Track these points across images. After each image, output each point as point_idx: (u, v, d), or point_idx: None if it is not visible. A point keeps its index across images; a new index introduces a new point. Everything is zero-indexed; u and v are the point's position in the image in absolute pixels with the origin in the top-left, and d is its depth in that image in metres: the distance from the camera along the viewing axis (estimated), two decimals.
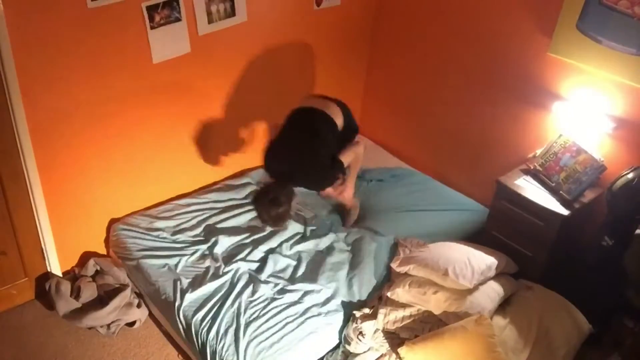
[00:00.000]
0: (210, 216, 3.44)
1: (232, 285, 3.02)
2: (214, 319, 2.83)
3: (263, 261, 3.18)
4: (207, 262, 3.14)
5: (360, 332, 2.81)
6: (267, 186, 3.01)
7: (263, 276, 3.09)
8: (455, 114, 3.78)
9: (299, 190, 3.11)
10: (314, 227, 3.42)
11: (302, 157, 2.99)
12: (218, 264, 3.12)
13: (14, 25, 2.62)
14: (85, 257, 3.36)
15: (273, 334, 2.78)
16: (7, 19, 2.59)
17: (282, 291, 3.01)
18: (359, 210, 3.61)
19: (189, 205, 3.51)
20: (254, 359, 2.67)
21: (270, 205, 2.88)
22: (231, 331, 2.78)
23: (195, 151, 3.62)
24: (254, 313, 2.87)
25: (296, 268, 3.17)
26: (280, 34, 3.63)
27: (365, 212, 3.61)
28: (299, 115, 3.15)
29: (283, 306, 2.93)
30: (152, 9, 2.99)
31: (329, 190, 3.29)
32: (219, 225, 3.38)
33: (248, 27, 3.43)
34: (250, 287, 3.00)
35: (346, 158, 3.14)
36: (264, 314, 2.87)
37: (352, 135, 3.29)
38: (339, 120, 3.14)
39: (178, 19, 3.11)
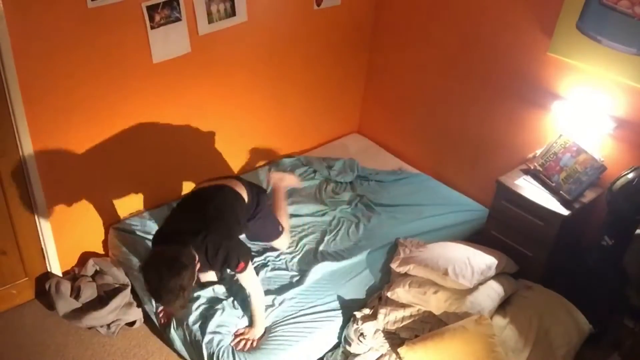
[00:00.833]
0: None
1: (232, 285, 3.02)
2: (212, 319, 2.83)
3: (262, 261, 3.18)
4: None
5: (361, 334, 2.81)
6: (161, 249, 2.45)
7: (262, 276, 3.08)
8: (456, 114, 3.78)
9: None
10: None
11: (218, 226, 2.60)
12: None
13: (14, 25, 2.62)
14: (85, 257, 3.36)
15: (272, 334, 2.78)
16: (7, 18, 2.58)
17: (282, 291, 3.01)
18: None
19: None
20: (253, 359, 2.67)
21: (169, 268, 2.30)
22: (230, 330, 2.78)
23: (196, 152, 3.62)
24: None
25: (296, 269, 3.17)
26: (280, 34, 3.63)
27: (366, 211, 3.61)
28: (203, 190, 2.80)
29: (283, 306, 2.92)
30: (152, 9, 2.99)
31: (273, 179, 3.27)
32: None
33: (248, 27, 3.43)
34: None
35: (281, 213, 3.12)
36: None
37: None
38: (244, 194, 2.84)
39: (178, 19, 3.11)
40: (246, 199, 2.85)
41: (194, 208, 2.71)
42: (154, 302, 2.93)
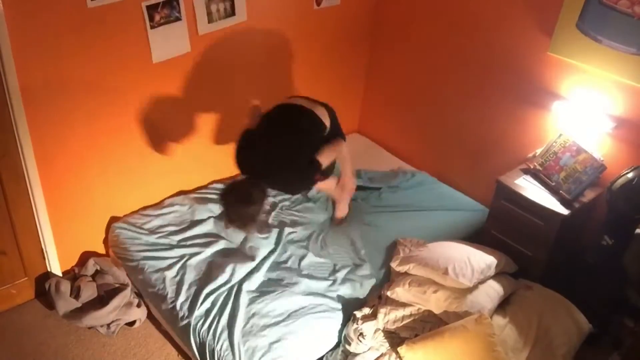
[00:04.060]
0: (210, 217, 3.43)
1: (232, 285, 3.02)
2: (212, 319, 2.83)
3: (263, 261, 3.18)
4: (207, 262, 3.14)
5: (361, 334, 2.81)
6: (237, 183, 2.78)
7: (262, 276, 3.09)
8: (455, 114, 3.78)
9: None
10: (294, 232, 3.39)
11: (280, 156, 2.77)
12: (218, 265, 3.12)
13: (14, 25, 2.62)
14: (85, 256, 3.36)
15: (271, 333, 2.78)
16: (7, 19, 2.59)
17: (282, 292, 3.01)
18: (348, 211, 3.49)
19: (189, 204, 3.50)
20: (253, 359, 2.67)
21: (241, 203, 2.65)
22: (230, 330, 2.78)
23: (195, 150, 3.62)
24: (253, 313, 2.87)
25: (295, 268, 3.17)
26: (280, 34, 3.63)
27: (366, 211, 3.61)
28: (283, 110, 2.94)
29: (283, 305, 2.92)
30: (152, 9, 2.99)
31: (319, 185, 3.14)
32: (218, 225, 3.38)
33: (248, 27, 3.43)
34: (250, 288, 3.00)
35: (325, 158, 2.89)
36: (263, 314, 2.87)
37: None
38: (327, 122, 2.99)
39: (178, 19, 3.11)
40: (328, 128, 2.99)
41: (277, 131, 2.87)
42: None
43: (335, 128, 3.07)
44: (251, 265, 3.13)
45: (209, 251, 3.21)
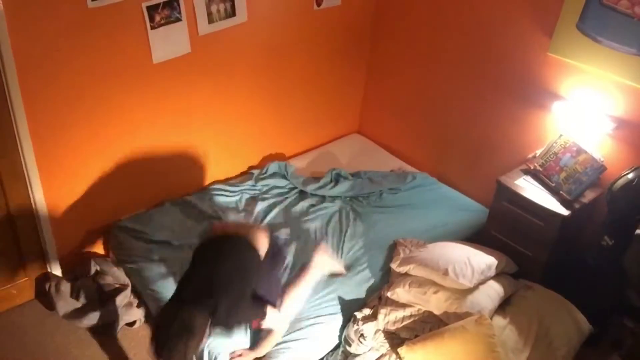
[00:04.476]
0: (210, 218, 3.43)
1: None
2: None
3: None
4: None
5: (362, 335, 2.81)
6: (179, 308, 2.31)
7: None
8: (456, 114, 3.78)
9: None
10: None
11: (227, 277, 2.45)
12: None
13: (14, 25, 2.62)
14: (85, 257, 3.36)
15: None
16: (7, 19, 2.58)
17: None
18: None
19: (189, 205, 3.50)
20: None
21: (180, 329, 2.23)
22: (230, 331, 2.77)
23: (195, 152, 3.62)
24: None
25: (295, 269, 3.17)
26: (280, 34, 3.63)
27: (366, 211, 3.61)
28: (217, 241, 2.65)
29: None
30: (152, 9, 2.99)
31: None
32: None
33: (248, 27, 3.43)
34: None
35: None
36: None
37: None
38: (262, 246, 2.67)
39: (178, 19, 3.11)
40: (262, 255, 2.64)
41: (208, 266, 2.50)
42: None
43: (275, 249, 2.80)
44: None
45: None
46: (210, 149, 3.69)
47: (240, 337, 2.75)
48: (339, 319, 2.92)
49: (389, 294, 2.92)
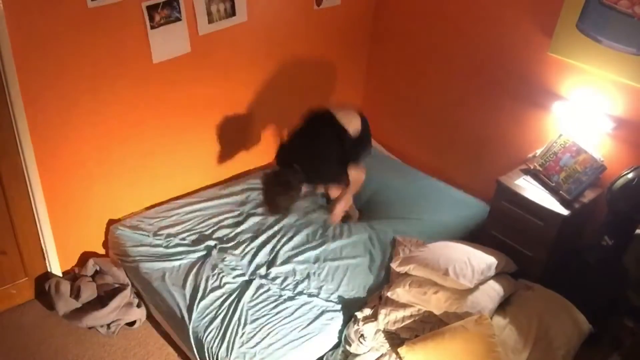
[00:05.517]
0: (210, 218, 3.43)
1: (231, 286, 3.02)
2: (212, 319, 2.83)
3: (263, 262, 3.18)
4: (206, 264, 3.13)
5: (362, 335, 2.81)
6: (278, 171, 3.17)
7: (263, 277, 3.08)
8: (456, 114, 3.78)
9: None
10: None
11: (313, 150, 3.16)
12: (217, 266, 3.12)
13: (14, 25, 2.62)
14: (85, 257, 3.36)
15: (271, 333, 2.78)
16: (7, 19, 2.58)
17: (282, 291, 3.01)
18: (357, 215, 3.66)
19: (188, 206, 3.50)
20: (252, 359, 2.67)
21: (281, 187, 3.04)
22: (229, 331, 2.78)
23: (195, 151, 3.62)
24: (253, 313, 2.87)
25: (295, 270, 3.17)
26: (280, 34, 3.63)
27: (366, 210, 3.61)
28: (314, 115, 3.30)
29: (282, 306, 2.92)
30: (152, 9, 2.99)
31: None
32: (218, 228, 3.38)
33: (248, 27, 3.43)
34: (250, 288, 3.00)
35: (353, 172, 3.32)
36: (263, 314, 2.87)
37: (362, 152, 3.38)
38: (352, 127, 3.25)
39: (178, 19, 3.11)
40: (352, 135, 3.26)
41: (307, 139, 3.22)
42: None
43: (364, 136, 3.37)
44: (253, 266, 3.14)
45: (208, 253, 3.21)
46: (210, 150, 3.69)
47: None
48: (339, 319, 2.91)
49: (389, 294, 2.92)
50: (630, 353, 2.93)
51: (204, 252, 3.20)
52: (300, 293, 3.00)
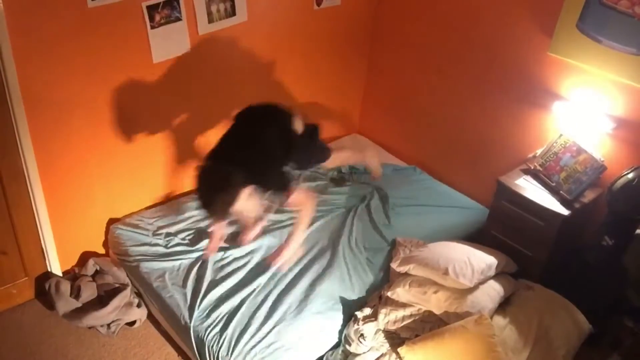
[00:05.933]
0: (210, 217, 3.43)
1: (231, 286, 3.02)
2: (212, 319, 2.83)
3: (263, 261, 3.18)
4: (207, 264, 3.13)
5: (362, 335, 2.81)
6: (215, 166, 2.64)
7: (262, 277, 3.08)
8: (456, 114, 3.78)
9: None
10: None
11: (257, 146, 2.74)
12: (217, 265, 3.12)
13: (14, 25, 2.62)
14: (85, 256, 3.36)
15: (271, 333, 2.78)
16: (7, 19, 2.58)
17: (282, 291, 3.01)
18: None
19: (188, 205, 3.50)
20: (252, 359, 2.67)
21: (221, 183, 2.50)
22: (230, 331, 2.78)
23: (195, 151, 3.62)
24: (253, 313, 2.87)
25: (295, 269, 3.17)
26: (280, 34, 3.63)
27: (366, 210, 3.60)
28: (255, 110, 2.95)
29: (283, 306, 2.92)
30: (152, 9, 2.99)
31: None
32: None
33: (248, 27, 3.43)
34: (249, 288, 3.00)
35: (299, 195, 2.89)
36: (263, 314, 2.87)
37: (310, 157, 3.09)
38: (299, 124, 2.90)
39: (178, 19, 3.11)
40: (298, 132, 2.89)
41: (244, 138, 2.80)
42: None
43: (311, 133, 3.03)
44: (253, 265, 3.14)
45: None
46: (208, 148, 3.68)
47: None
48: (339, 319, 2.91)
49: (389, 294, 2.92)
50: (630, 353, 2.93)
51: (204, 251, 3.20)
52: (300, 292, 3.00)
